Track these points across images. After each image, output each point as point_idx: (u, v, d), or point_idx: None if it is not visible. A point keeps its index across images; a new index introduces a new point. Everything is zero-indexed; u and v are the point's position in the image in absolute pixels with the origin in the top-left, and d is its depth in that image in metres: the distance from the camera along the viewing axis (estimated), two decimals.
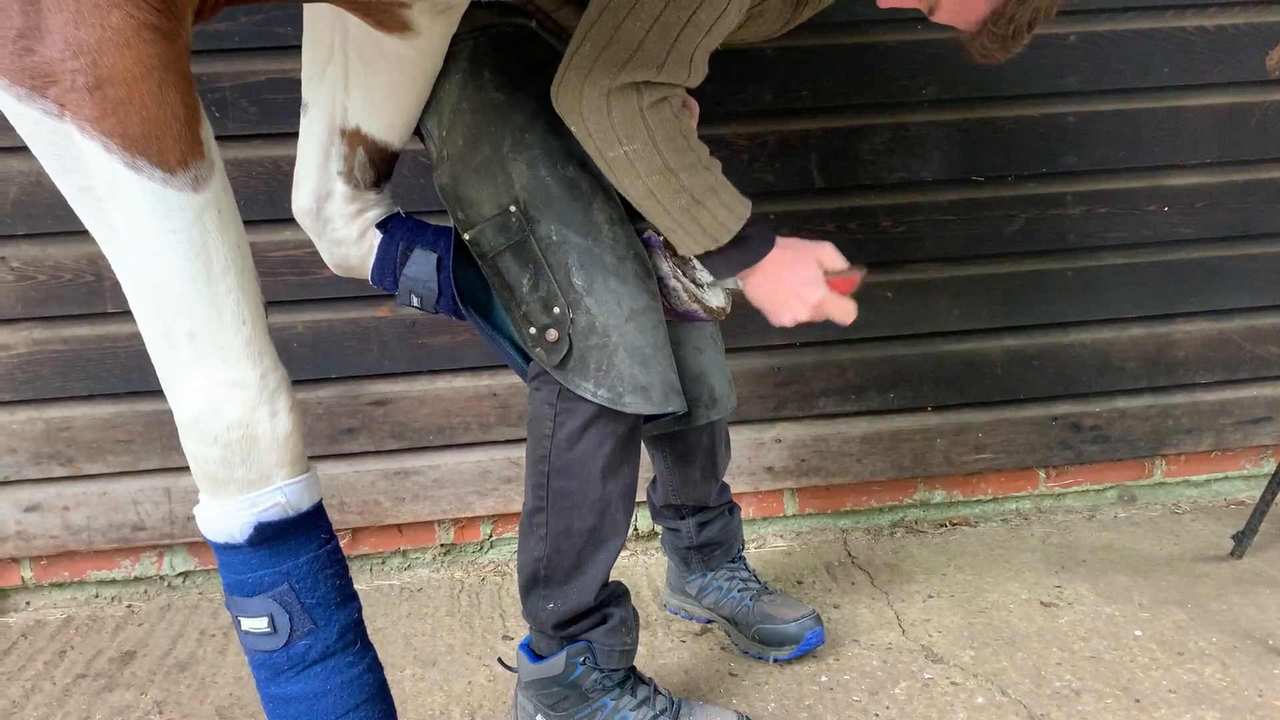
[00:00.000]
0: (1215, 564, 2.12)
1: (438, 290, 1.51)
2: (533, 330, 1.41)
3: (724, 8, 1.27)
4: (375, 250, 1.52)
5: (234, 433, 0.97)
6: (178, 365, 0.96)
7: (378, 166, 1.48)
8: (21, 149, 1.98)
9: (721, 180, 1.38)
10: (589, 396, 1.40)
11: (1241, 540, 2.12)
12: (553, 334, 1.40)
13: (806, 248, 1.45)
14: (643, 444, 1.79)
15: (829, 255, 1.45)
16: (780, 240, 1.44)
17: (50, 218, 2.01)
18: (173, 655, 1.95)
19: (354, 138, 1.43)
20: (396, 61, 1.36)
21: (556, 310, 1.40)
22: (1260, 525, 2.09)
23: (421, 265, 1.50)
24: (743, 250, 1.41)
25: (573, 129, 1.34)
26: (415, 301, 1.53)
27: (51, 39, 0.85)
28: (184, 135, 0.92)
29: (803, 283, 1.43)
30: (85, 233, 2.01)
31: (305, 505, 1.03)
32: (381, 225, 1.52)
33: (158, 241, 0.92)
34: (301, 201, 1.49)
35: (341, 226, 1.50)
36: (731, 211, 1.39)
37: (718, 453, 1.80)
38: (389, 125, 1.43)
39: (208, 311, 0.95)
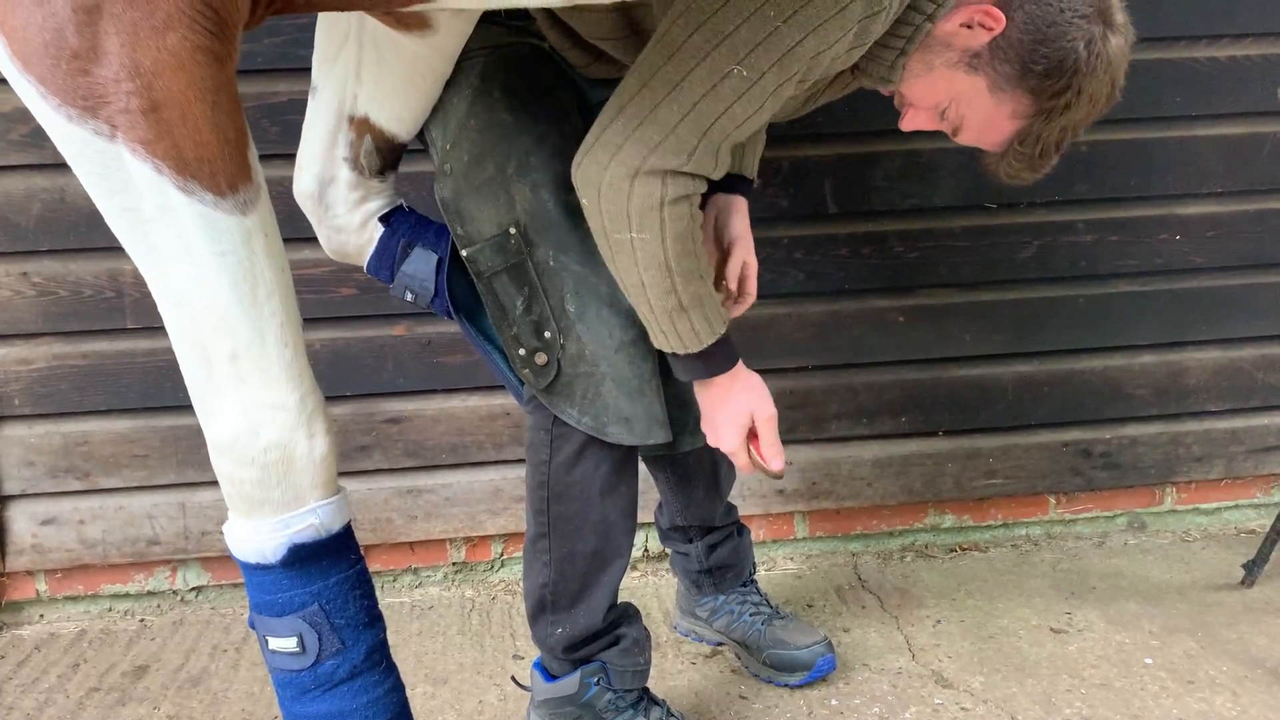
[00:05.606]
0: (1226, 592, 2.12)
1: (434, 290, 1.51)
2: (522, 352, 1.43)
3: (760, 104, 1.23)
4: (375, 242, 1.51)
5: (272, 454, 0.97)
6: (215, 386, 0.96)
7: (384, 155, 1.47)
8: (45, 166, 2.00)
9: (710, 293, 1.35)
10: (573, 423, 1.42)
11: (1252, 569, 2.12)
12: (541, 357, 1.42)
13: (750, 398, 1.41)
14: (645, 467, 1.80)
15: (763, 415, 1.42)
16: (739, 370, 1.41)
17: (72, 235, 2.03)
18: (185, 670, 1.96)
19: (362, 125, 1.43)
20: (410, 57, 1.36)
21: (547, 335, 1.41)
22: (1271, 554, 2.10)
23: (420, 264, 1.50)
24: (702, 362, 1.38)
25: (584, 202, 1.30)
26: (409, 297, 1.53)
27: (108, 60, 0.84)
28: (234, 159, 0.92)
29: (729, 422, 1.42)
30: (106, 250, 2.04)
31: (337, 526, 1.03)
32: (385, 218, 1.51)
33: (205, 264, 0.92)
34: (304, 184, 1.47)
35: (344, 214, 1.49)
36: (709, 327, 1.35)
37: (720, 470, 1.81)
38: (397, 118, 1.43)
39: (251, 334, 0.94)
